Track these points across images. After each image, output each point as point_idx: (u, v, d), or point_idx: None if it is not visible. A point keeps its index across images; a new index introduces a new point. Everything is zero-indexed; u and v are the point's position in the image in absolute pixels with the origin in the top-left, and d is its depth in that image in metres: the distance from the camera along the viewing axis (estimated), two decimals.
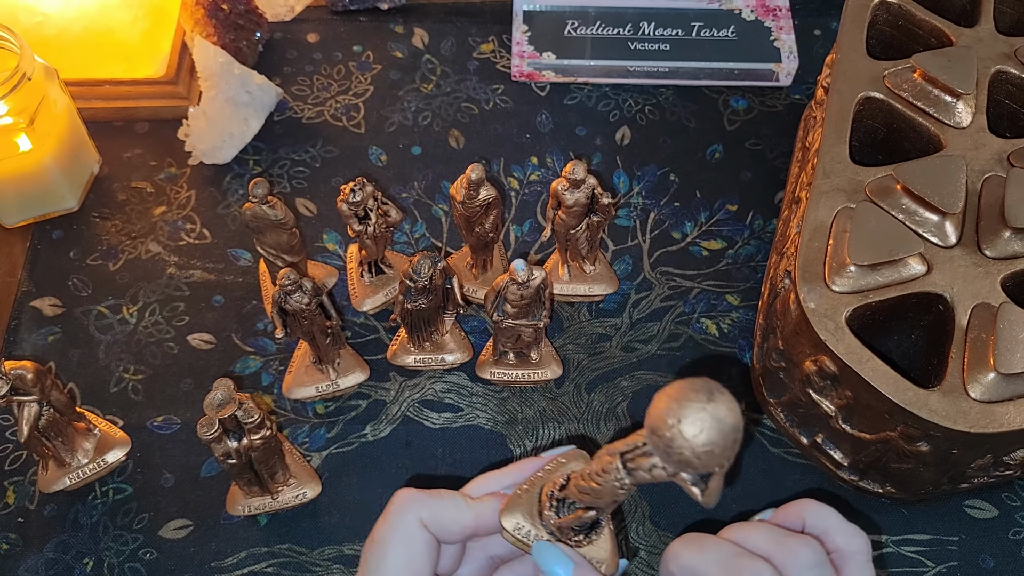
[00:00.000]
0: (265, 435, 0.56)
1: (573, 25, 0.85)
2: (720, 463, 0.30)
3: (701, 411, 0.29)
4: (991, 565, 0.61)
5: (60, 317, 0.71)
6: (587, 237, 0.67)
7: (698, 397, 0.30)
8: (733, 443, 0.30)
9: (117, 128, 0.80)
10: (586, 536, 0.40)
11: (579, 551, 0.40)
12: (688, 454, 0.30)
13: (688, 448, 0.30)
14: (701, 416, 0.29)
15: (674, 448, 0.30)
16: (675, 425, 0.30)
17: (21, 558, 0.61)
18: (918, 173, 0.59)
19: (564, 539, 0.40)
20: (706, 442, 0.29)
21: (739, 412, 0.30)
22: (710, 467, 0.30)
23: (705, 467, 0.30)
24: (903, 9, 0.69)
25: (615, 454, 0.35)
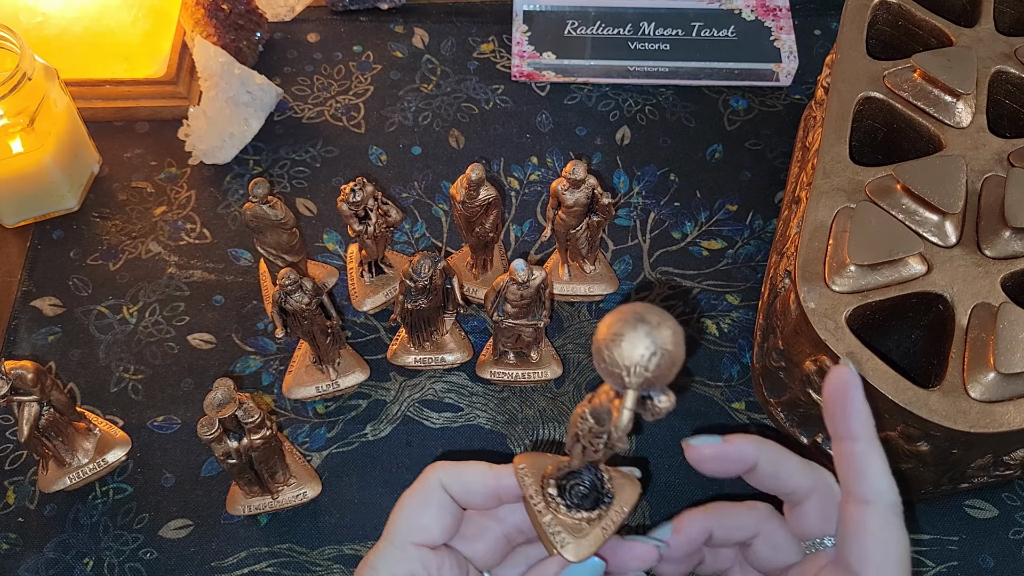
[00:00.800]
0: (265, 435, 0.56)
1: (573, 25, 0.85)
2: (655, 381, 0.32)
3: (635, 330, 0.32)
4: (991, 565, 0.61)
5: (60, 317, 0.71)
6: (587, 237, 0.67)
7: (635, 318, 0.32)
8: (669, 362, 0.32)
9: (117, 128, 0.80)
10: (596, 503, 0.41)
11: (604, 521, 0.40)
12: (624, 371, 0.32)
13: (624, 364, 0.32)
14: (635, 335, 0.32)
15: (612, 365, 0.32)
16: (614, 343, 0.32)
17: (21, 558, 0.61)
18: (918, 173, 0.59)
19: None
20: (640, 358, 0.32)
21: (673, 333, 0.32)
22: (649, 384, 0.33)
23: (643, 384, 0.32)
24: (903, 9, 0.69)
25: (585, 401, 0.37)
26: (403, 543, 0.41)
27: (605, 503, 0.41)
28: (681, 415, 0.67)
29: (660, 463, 0.65)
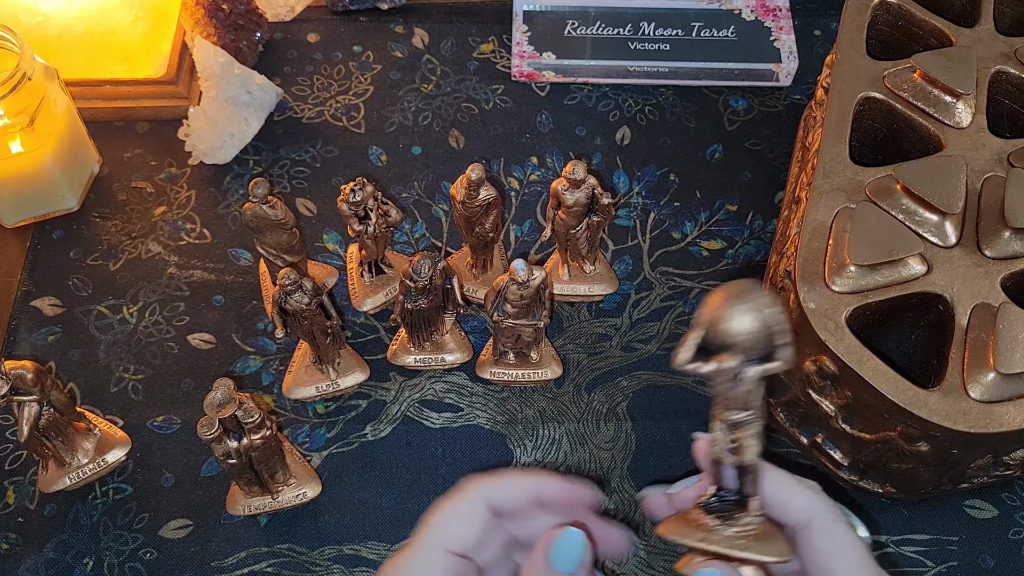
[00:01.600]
0: (265, 435, 0.56)
1: (573, 25, 0.85)
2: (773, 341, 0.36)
3: (742, 304, 0.36)
4: (991, 565, 0.61)
5: (60, 317, 0.71)
6: (587, 237, 0.67)
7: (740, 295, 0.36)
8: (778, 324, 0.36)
9: (117, 128, 0.80)
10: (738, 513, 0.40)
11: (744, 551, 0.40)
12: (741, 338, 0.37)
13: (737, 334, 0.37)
14: (743, 308, 0.36)
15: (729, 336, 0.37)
16: (727, 317, 0.36)
17: (21, 558, 0.61)
18: (918, 173, 0.59)
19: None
20: (751, 327, 0.36)
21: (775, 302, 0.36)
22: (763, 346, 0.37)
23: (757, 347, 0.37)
24: (903, 9, 0.69)
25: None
26: (437, 548, 0.41)
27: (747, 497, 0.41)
28: (682, 415, 0.67)
29: (660, 463, 0.65)
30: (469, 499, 0.42)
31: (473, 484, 0.42)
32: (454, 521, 0.42)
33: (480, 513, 0.42)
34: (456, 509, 0.42)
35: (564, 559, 0.40)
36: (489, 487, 0.42)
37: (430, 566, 0.41)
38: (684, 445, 0.66)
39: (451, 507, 0.42)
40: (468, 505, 0.42)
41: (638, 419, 0.67)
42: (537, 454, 0.65)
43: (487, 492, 0.42)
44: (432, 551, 0.41)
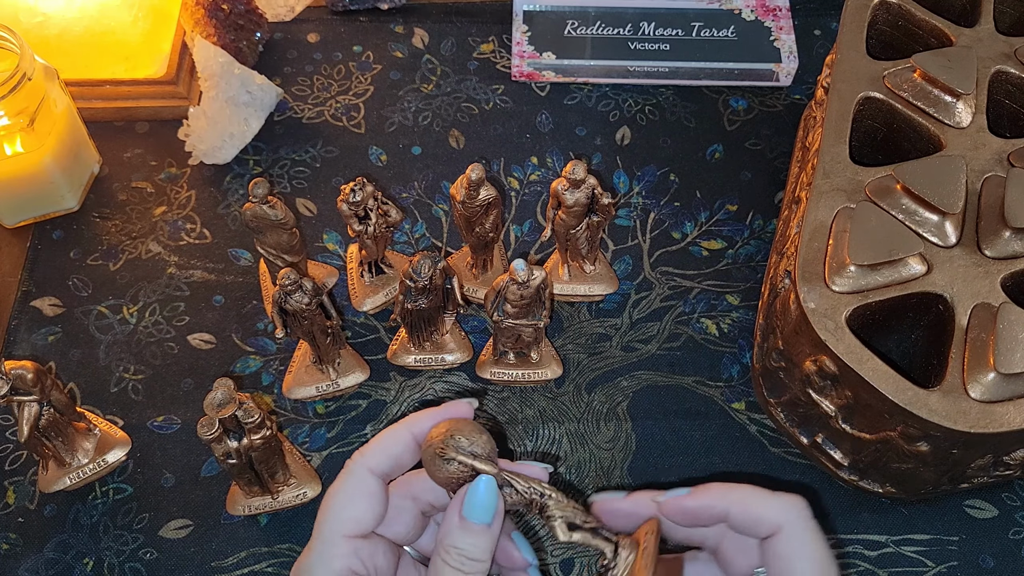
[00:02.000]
0: (265, 435, 0.56)
1: (573, 25, 0.85)
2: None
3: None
4: (991, 565, 0.61)
5: (60, 317, 0.71)
6: (587, 237, 0.67)
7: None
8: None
9: (117, 128, 0.80)
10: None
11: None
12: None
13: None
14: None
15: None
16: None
17: (21, 558, 0.61)
18: (918, 173, 0.59)
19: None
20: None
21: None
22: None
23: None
24: (903, 9, 0.69)
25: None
26: (335, 538, 0.40)
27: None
28: (682, 415, 0.67)
29: (660, 463, 0.65)
30: (354, 477, 0.41)
31: (353, 459, 0.41)
32: (346, 504, 0.41)
33: (369, 487, 0.41)
34: (345, 491, 0.41)
35: (477, 510, 0.39)
36: (369, 455, 0.41)
37: (333, 558, 0.40)
38: (684, 445, 0.66)
39: (339, 491, 0.41)
40: (355, 483, 0.41)
41: (638, 419, 0.67)
42: (537, 454, 0.65)
43: (369, 462, 0.41)
44: (332, 543, 0.40)
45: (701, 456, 0.65)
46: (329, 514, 0.41)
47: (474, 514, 0.39)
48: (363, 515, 0.41)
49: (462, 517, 0.39)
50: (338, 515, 0.41)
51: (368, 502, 0.41)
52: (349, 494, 0.41)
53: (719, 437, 0.66)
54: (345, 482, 0.41)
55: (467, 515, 0.39)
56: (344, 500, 0.41)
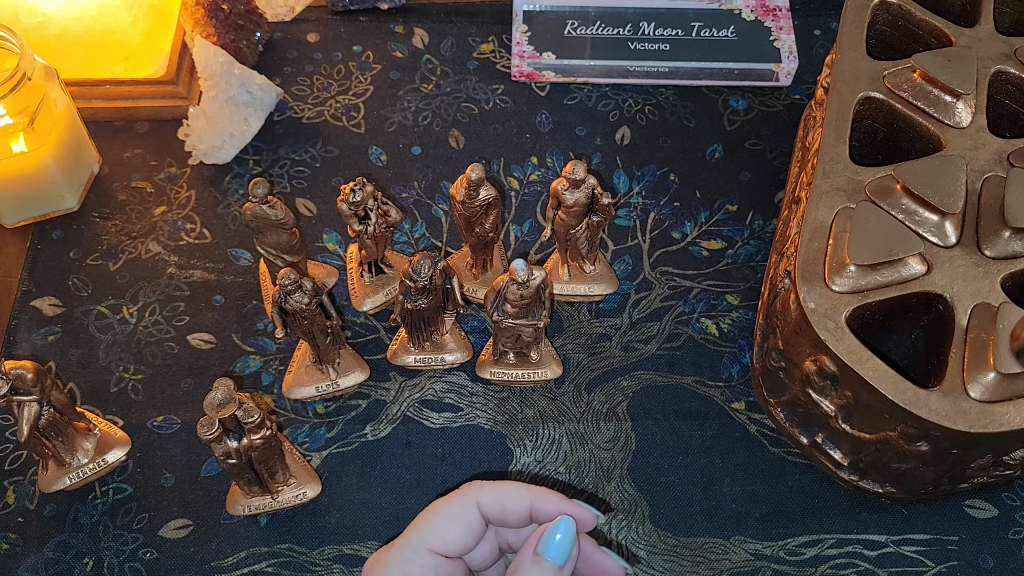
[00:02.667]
0: (265, 435, 0.56)
1: (573, 25, 0.85)
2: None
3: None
4: (991, 565, 0.61)
5: (60, 317, 0.71)
6: (587, 237, 0.67)
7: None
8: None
9: (117, 128, 0.80)
10: None
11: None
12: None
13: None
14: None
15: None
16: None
17: (21, 558, 0.61)
18: (918, 173, 0.59)
19: None
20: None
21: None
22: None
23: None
24: (903, 9, 0.69)
25: None
26: (420, 547, 0.41)
27: None
28: (682, 415, 0.67)
29: (660, 463, 0.65)
30: (463, 503, 0.42)
31: (470, 488, 0.42)
32: (444, 523, 0.42)
33: (472, 518, 0.42)
34: (448, 511, 0.42)
35: (555, 550, 0.40)
36: (486, 494, 0.42)
37: (410, 563, 0.41)
38: (684, 445, 0.66)
39: (443, 508, 0.42)
40: (461, 509, 0.42)
41: (638, 419, 0.67)
42: (537, 454, 0.65)
43: (483, 499, 0.42)
44: (415, 550, 0.41)
45: (701, 456, 0.65)
46: (424, 524, 0.42)
47: (549, 553, 0.40)
48: (453, 540, 0.42)
49: (537, 553, 0.40)
50: (431, 529, 0.42)
51: (463, 531, 0.42)
52: (449, 515, 0.42)
53: (719, 437, 0.66)
54: (452, 503, 0.42)
55: (542, 552, 0.40)
56: (443, 518, 0.42)
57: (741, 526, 0.63)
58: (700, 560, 0.61)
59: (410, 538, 0.42)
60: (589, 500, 0.61)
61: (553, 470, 0.65)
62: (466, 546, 0.42)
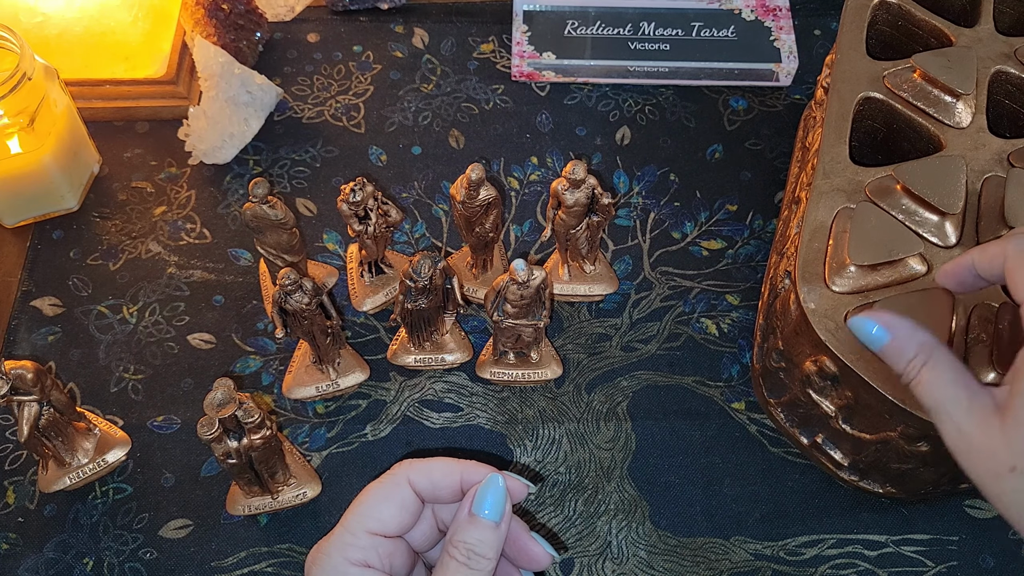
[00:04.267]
0: (265, 435, 0.56)
1: (573, 25, 0.85)
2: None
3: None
4: (991, 565, 0.61)
5: (60, 317, 0.71)
6: (587, 237, 0.67)
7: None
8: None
9: (117, 128, 0.80)
10: None
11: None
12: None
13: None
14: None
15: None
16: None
17: (21, 558, 0.61)
18: (918, 173, 0.59)
19: None
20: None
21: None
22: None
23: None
24: (903, 9, 0.69)
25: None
26: (358, 530, 0.42)
27: None
28: (682, 415, 0.67)
29: (660, 463, 0.65)
30: (395, 482, 0.43)
31: (401, 467, 0.43)
32: (379, 504, 0.42)
33: (406, 496, 0.43)
34: (382, 492, 0.43)
35: (489, 507, 0.41)
36: (416, 471, 0.43)
37: (351, 547, 0.42)
38: (684, 445, 0.66)
39: (377, 490, 0.43)
40: (394, 488, 0.43)
41: (638, 419, 0.67)
42: (537, 454, 0.65)
43: (413, 476, 0.43)
44: (354, 534, 0.42)
45: (701, 456, 0.65)
46: (359, 508, 0.42)
47: (483, 510, 0.41)
48: (390, 520, 0.42)
49: (471, 513, 0.41)
50: (368, 511, 0.42)
51: (398, 510, 0.43)
52: (384, 496, 0.43)
53: (719, 437, 0.66)
54: (385, 484, 0.43)
55: (476, 511, 0.41)
56: (378, 500, 0.43)
57: (741, 526, 0.63)
58: (700, 560, 0.61)
59: (348, 523, 0.42)
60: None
61: (553, 470, 0.65)
62: (403, 524, 0.43)
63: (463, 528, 0.41)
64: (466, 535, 0.41)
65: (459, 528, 0.41)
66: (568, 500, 0.63)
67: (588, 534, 0.62)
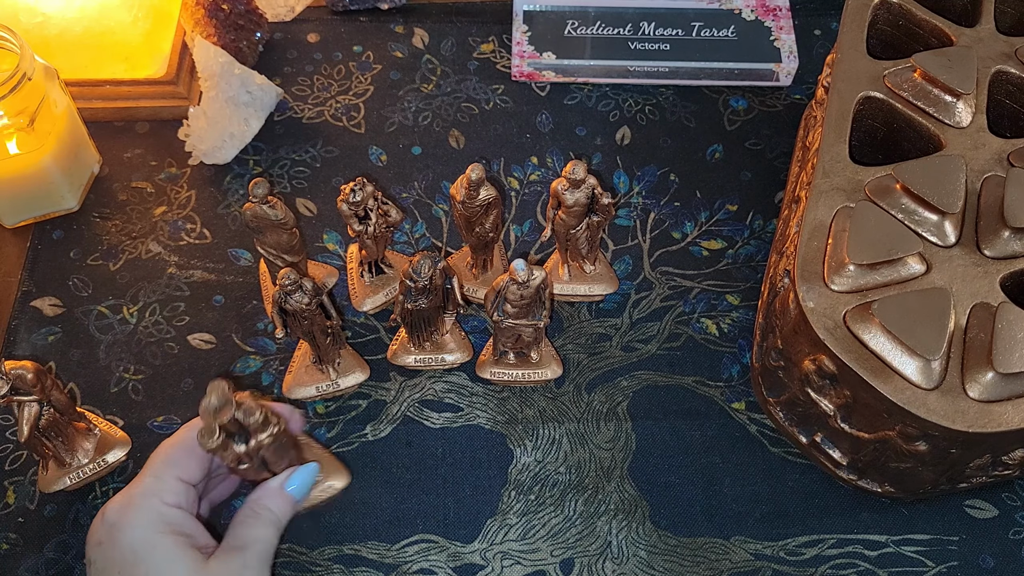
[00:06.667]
0: (273, 432, 0.53)
1: (573, 25, 0.85)
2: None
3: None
4: (991, 565, 0.61)
5: (60, 317, 0.71)
6: (587, 237, 0.67)
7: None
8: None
9: (117, 128, 0.80)
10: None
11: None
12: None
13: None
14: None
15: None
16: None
17: (21, 558, 0.61)
18: (918, 173, 0.59)
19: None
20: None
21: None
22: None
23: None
24: (903, 9, 0.69)
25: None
26: (169, 477, 0.49)
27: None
28: (682, 415, 0.67)
29: (660, 463, 0.65)
30: (190, 437, 0.50)
31: (190, 427, 0.51)
32: (184, 457, 0.50)
33: (199, 451, 0.49)
34: (183, 446, 0.51)
35: (300, 489, 0.53)
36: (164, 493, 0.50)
37: (165, 491, 0.49)
38: (684, 445, 0.66)
39: (178, 444, 0.51)
40: (191, 443, 0.50)
41: (638, 419, 0.67)
42: (537, 454, 0.65)
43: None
44: (166, 479, 0.49)
45: (701, 456, 0.65)
46: (166, 457, 0.50)
47: (295, 491, 0.52)
48: (195, 468, 0.51)
49: (283, 487, 0.52)
50: (176, 461, 0.50)
51: (199, 462, 0.51)
52: (187, 449, 0.51)
53: (719, 437, 0.66)
54: (184, 439, 0.51)
55: (289, 489, 0.52)
56: (182, 453, 0.51)
57: (741, 526, 0.63)
58: (700, 560, 0.61)
59: (156, 470, 0.49)
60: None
61: (553, 470, 0.65)
62: (201, 475, 0.51)
63: (273, 498, 0.51)
64: (273, 504, 0.51)
65: (269, 495, 0.51)
66: (568, 500, 0.63)
67: (588, 534, 0.62)
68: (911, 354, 0.53)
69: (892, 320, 0.53)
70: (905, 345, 0.53)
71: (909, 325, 0.53)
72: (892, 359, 0.54)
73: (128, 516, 0.48)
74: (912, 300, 0.54)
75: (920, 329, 0.53)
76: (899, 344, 0.53)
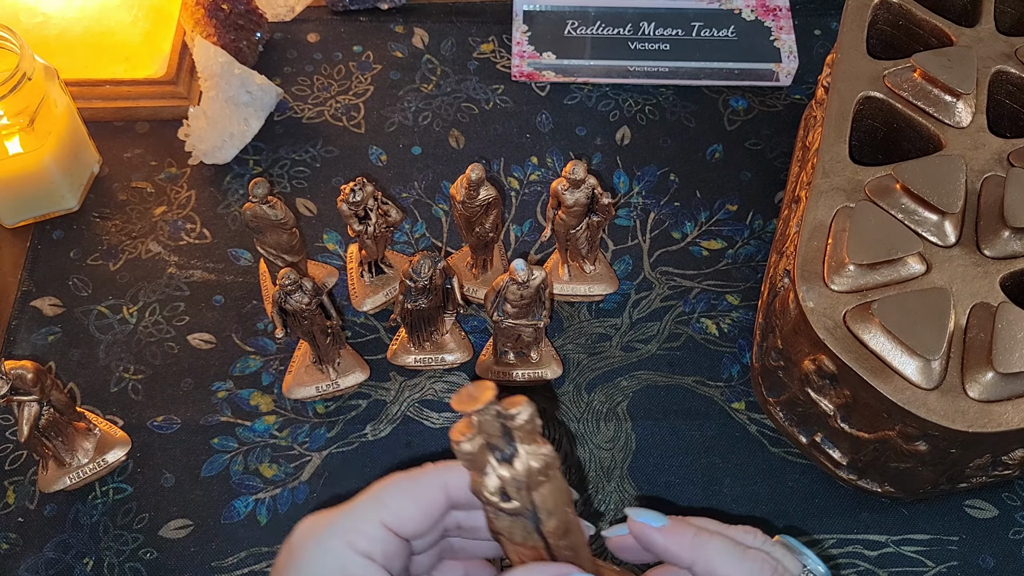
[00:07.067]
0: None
1: (573, 25, 0.85)
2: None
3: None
4: (991, 565, 0.61)
5: (60, 317, 0.71)
6: (587, 237, 0.67)
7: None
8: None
9: (117, 128, 0.80)
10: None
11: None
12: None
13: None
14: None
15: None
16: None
17: (21, 558, 0.61)
18: (918, 173, 0.59)
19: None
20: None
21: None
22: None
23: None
24: (903, 9, 0.69)
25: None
26: (371, 518, 0.36)
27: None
28: (682, 415, 0.67)
29: (660, 463, 0.65)
30: (428, 483, 0.37)
31: (438, 470, 0.37)
32: (403, 499, 0.36)
33: (435, 500, 0.37)
34: (411, 488, 0.37)
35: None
36: (453, 477, 0.37)
37: (357, 532, 0.36)
38: (684, 445, 0.66)
39: (405, 483, 0.37)
40: (425, 490, 0.37)
41: (638, 419, 0.67)
42: None
43: (453, 482, 0.37)
44: (366, 518, 0.36)
45: (701, 456, 0.65)
46: (378, 495, 0.37)
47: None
48: (409, 520, 0.36)
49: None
50: (388, 502, 0.36)
51: (421, 513, 0.37)
52: (411, 494, 0.37)
53: (719, 437, 0.66)
54: (415, 481, 0.37)
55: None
56: (403, 494, 0.37)
57: None
58: None
59: (358, 508, 0.36)
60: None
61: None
62: (419, 529, 0.37)
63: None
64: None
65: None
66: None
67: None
68: (911, 354, 0.53)
69: (892, 320, 0.53)
70: (905, 345, 0.53)
71: (909, 325, 0.53)
72: (892, 359, 0.54)
73: (306, 546, 0.36)
74: (912, 300, 0.54)
75: (920, 329, 0.53)
76: (899, 344, 0.53)
